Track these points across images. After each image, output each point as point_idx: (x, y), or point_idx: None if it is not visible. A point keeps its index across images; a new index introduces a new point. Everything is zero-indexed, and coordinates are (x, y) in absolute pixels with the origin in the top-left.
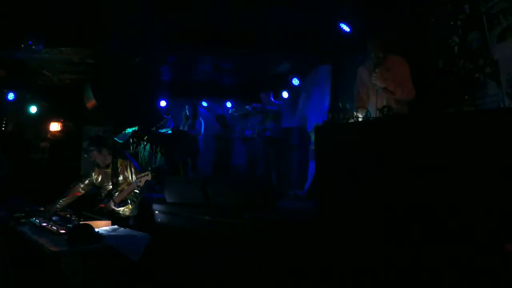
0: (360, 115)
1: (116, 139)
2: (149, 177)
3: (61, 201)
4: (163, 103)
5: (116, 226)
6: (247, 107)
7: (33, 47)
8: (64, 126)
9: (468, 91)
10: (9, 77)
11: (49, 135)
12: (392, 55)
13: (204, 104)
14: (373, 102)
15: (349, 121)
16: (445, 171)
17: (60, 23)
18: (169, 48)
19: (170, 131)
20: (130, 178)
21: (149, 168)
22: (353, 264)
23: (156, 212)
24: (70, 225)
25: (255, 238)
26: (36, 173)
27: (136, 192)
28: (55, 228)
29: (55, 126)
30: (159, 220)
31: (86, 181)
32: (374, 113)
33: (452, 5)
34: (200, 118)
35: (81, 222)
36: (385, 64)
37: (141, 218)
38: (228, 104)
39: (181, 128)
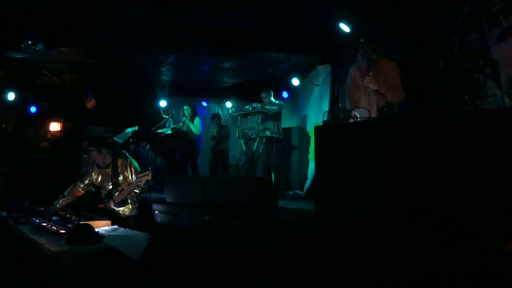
0: (358, 115)
1: (116, 139)
2: (149, 177)
3: (61, 201)
4: (163, 103)
5: (116, 226)
6: (247, 107)
7: (33, 47)
8: (64, 126)
9: (468, 91)
10: (9, 77)
11: (49, 135)
12: (383, 57)
13: (204, 104)
14: (365, 103)
15: (349, 121)
16: (445, 171)
17: (60, 23)
18: (169, 48)
19: (170, 131)
20: (130, 178)
21: (150, 168)
22: (353, 264)
23: (156, 212)
24: (70, 225)
25: (255, 238)
26: (36, 173)
27: (136, 192)
28: (55, 228)
29: (55, 126)
30: (159, 220)
31: (86, 181)
32: (366, 114)
33: (452, 5)
34: (199, 118)
35: (81, 222)
36: (377, 66)
37: (141, 218)
38: (228, 104)
39: (180, 128)
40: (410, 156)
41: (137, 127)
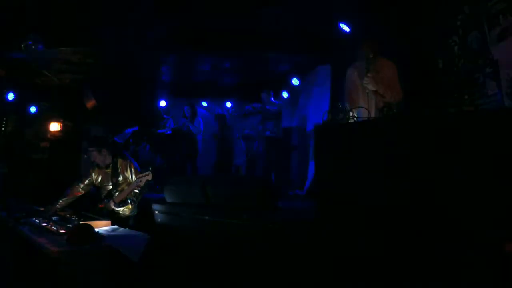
0: (356, 115)
1: (116, 139)
2: (149, 177)
3: (61, 201)
4: (163, 103)
5: (116, 226)
6: (247, 107)
7: (33, 47)
8: (64, 126)
9: (468, 91)
10: (9, 77)
11: (49, 135)
12: (381, 57)
13: (204, 104)
14: (363, 104)
15: (349, 121)
16: (445, 171)
17: (60, 23)
18: (169, 48)
19: (170, 131)
20: (130, 178)
21: (150, 168)
22: (353, 264)
23: (156, 212)
24: (70, 225)
25: (255, 238)
26: (36, 173)
27: (136, 192)
28: (55, 228)
29: (55, 126)
30: (159, 220)
31: (86, 181)
32: (365, 114)
33: (452, 5)
34: (199, 118)
35: (81, 222)
36: (375, 66)
37: (141, 218)
38: (228, 104)
39: (180, 128)
40: (410, 156)
41: (137, 127)
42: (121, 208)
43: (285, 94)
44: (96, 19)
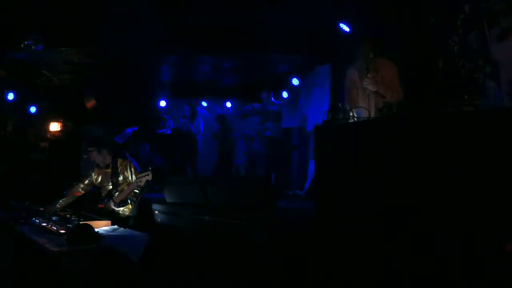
0: (356, 115)
1: (116, 139)
2: (149, 177)
3: (61, 201)
4: (163, 103)
5: (116, 226)
6: (247, 107)
7: (33, 47)
8: (64, 126)
9: (468, 91)
10: (9, 77)
11: (49, 135)
12: (381, 57)
13: (204, 104)
14: (363, 104)
15: (349, 121)
16: (445, 171)
17: (60, 23)
18: (169, 48)
19: (170, 131)
20: (130, 178)
21: (150, 168)
22: (352, 265)
23: (156, 212)
24: (70, 225)
25: (255, 238)
26: (36, 173)
27: (136, 192)
28: (55, 228)
29: (55, 126)
30: (159, 220)
31: (86, 181)
32: (365, 114)
33: (452, 5)
34: (199, 118)
35: (81, 222)
36: (375, 66)
37: (141, 218)
38: (228, 104)
39: (180, 128)
40: (410, 156)
41: (137, 127)
42: (121, 208)
43: (285, 94)
44: (96, 19)
